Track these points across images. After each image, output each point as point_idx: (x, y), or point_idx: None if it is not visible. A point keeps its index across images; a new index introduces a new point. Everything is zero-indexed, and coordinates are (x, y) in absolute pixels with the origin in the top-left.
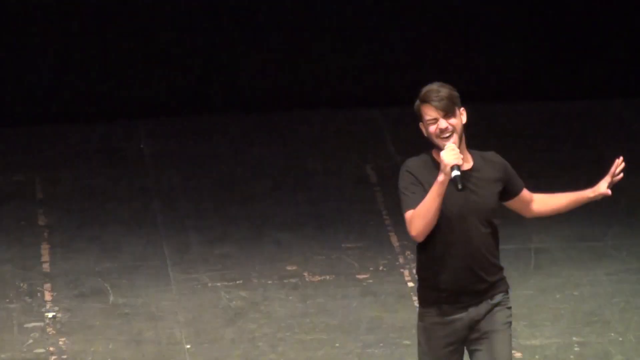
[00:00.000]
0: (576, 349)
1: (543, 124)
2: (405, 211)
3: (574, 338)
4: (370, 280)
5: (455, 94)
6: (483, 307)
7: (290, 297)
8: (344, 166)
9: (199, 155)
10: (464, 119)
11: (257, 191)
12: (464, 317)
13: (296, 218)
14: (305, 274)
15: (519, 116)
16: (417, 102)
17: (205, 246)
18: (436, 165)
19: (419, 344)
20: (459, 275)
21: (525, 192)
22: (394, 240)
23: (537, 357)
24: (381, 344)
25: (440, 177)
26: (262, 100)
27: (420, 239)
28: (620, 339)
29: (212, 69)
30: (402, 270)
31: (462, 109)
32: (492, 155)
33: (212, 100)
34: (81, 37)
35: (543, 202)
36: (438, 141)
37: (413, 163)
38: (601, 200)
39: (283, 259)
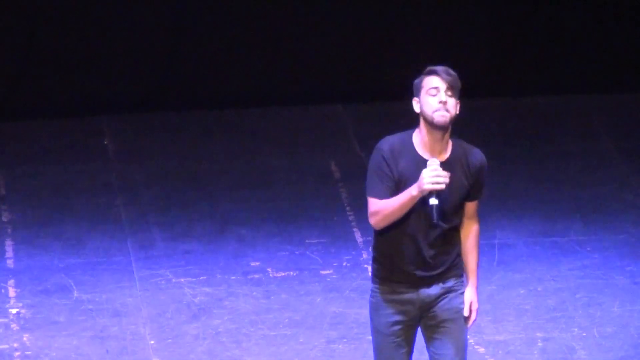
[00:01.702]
0: (540, 344)
1: (502, 120)
2: (370, 195)
3: (538, 333)
4: (334, 276)
5: (460, 82)
6: (434, 290)
7: (254, 293)
8: (307, 162)
9: (162, 152)
10: (458, 109)
11: (220, 187)
12: (414, 298)
13: (260, 214)
14: (269, 269)
15: (478, 112)
16: (420, 77)
17: (169, 242)
18: (416, 157)
19: (371, 319)
20: (412, 262)
21: (472, 206)
22: (358, 236)
23: (500, 352)
24: (345, 340)
25: (414, 192)
26: (225, 97)
27: (378, 229)
28: (584, 334)
29: (176, 65)
30: (365, 265)
31: (459, 100)
32: (476, 152)
33: (176, 97)
34: (45, 33)
35: (464, 235)
36: (432, 113)
37: (390, 145)
38: (564, 196)
39: (247, 254)
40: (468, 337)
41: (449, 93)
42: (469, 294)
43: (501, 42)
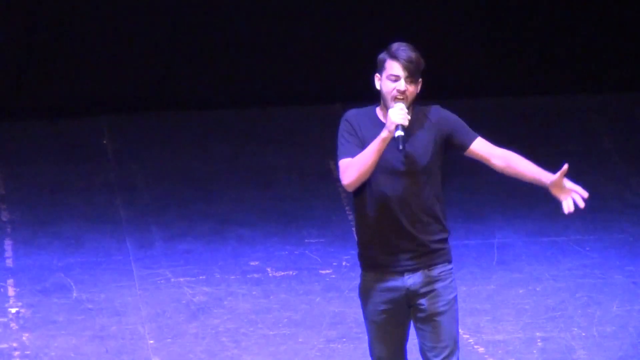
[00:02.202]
0: (539, 344)
1: (502, 119)
2: (340, 159)
3: (537, 333)
4: (333, 276)
5: (423, 62)
6: (420, 277)
7: (254, 293)
8: (306, 162)
9: (162, 151)
10: (419, 88)
11: (219, 187)
12: (399, 285)
13: (259, 214)
14: (268, 269)
15: (478, 111)
16: (384, 55)
17: (169, 242)
18: (377, 123)
19: (361, 306)
20: (391, 233)
21: (479, 145)
22: None
23: (500, 352)
24: (344, 339)
25: (384, 134)
26: (224, 96)
27: (351, 189)
28: (583, 333)
29: (175, 65)
30: None
31: (420, 79)
32: (432, 110)
33: (175, 97)
34: (44, 32)
35: (508, 162)
36: (389, 100)
37: (354, 113)
38: None
39: (246, 254)
40: (467, 336)
41: (409, 80)
42: (556, 189)
43: (501, 41)
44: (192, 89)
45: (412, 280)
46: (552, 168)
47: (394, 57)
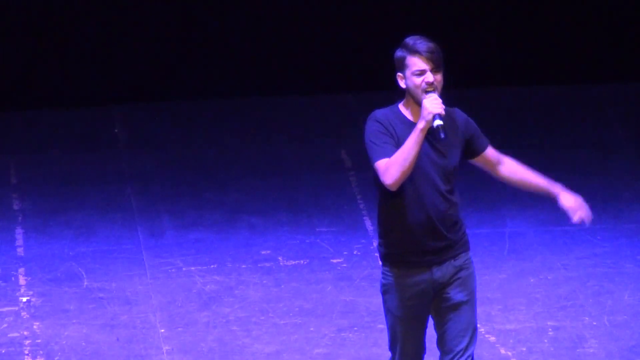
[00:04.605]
0: (550, 333)
1: (514, 109)
2: (378, 160)
3: (548, 322)
4: (345, 265)
5: (440, 50)
6: (447, 269)
7: (265, 282)
8: (318, 151)
9: (173, 141)
10: (443, 80)
11: (231, 176)
12: (427, 278)
13: (270, 203)
14: (280, 258)
15: (490, 101)
16: (401, 53)
17: (180, 231)
18: (405, 121)
19: (383, 301)
20: (420, 231)
21: (489, 152)
22: (368, 224)
23: (511, 341)
24: (355, 328)
25: (421, 125)
26: (237, 86)
27: (395, 187)
28: (595, 323)
29: (186, 54)
30: (376, 254)
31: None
32: (455, 112)
33: (186, 86)
34: (56, 22)
35: (512, 170)
36: (420, 94)
37: (382, 113)
38: (575, 185)
39: (257, 243)
40: (478, 325)
41: (435, 71)
42: (568, 198)
43: (513, 30)
44: (204, 79)
45: (440, 272)
46: (565, 158)
47: (415, 51)
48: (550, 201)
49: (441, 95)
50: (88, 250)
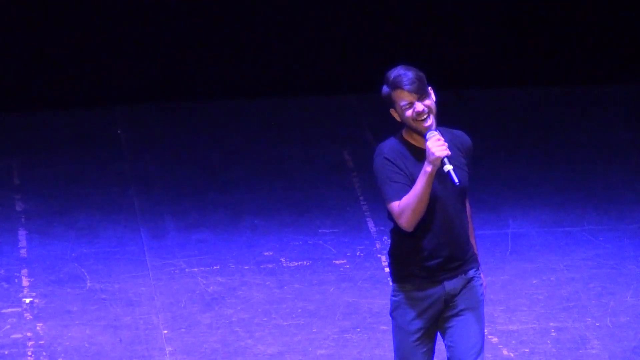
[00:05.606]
0: (553, 333)
1: (517, 110)
2: (391, 202)
3: (551, 323)
4: (347, 266)
5: (422, 74)
6: (458, 282)
7: (267, 283)
8: (321, 152)
9: (176, 142)
10: (434, 97)
11: (234, 177)
12: (439, 292)
13: (273, 204)
14: (282, 259)
15: (492, 101)
16: (386, 90)
17: (182, 232)
18: (408, 148)
19: (392, 318)
20: (436, 254)
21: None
22: (371, 225)
23: (513, 342)
24: (358, 329)
25: (429, 169)
26: (239, 86)
27: (412, 229)
28: (597, 324)
29: (189, 55)
30: (378, 255)
31: (430, 87)
32: (461, 134)
33: (189, 87)
34: (58, 22)
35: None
36: (415, 124)
37: (388, 149)
38: (578, 186)
39: (260, 244)
40: None
41: (422, 98)
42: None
43: (516, 31)
44: (206, 79)
45: (451, 285)
46: (567, 158)
47: (396, 87)
48: (552, 202)
49: (437, 116)
50: (91, 252)
